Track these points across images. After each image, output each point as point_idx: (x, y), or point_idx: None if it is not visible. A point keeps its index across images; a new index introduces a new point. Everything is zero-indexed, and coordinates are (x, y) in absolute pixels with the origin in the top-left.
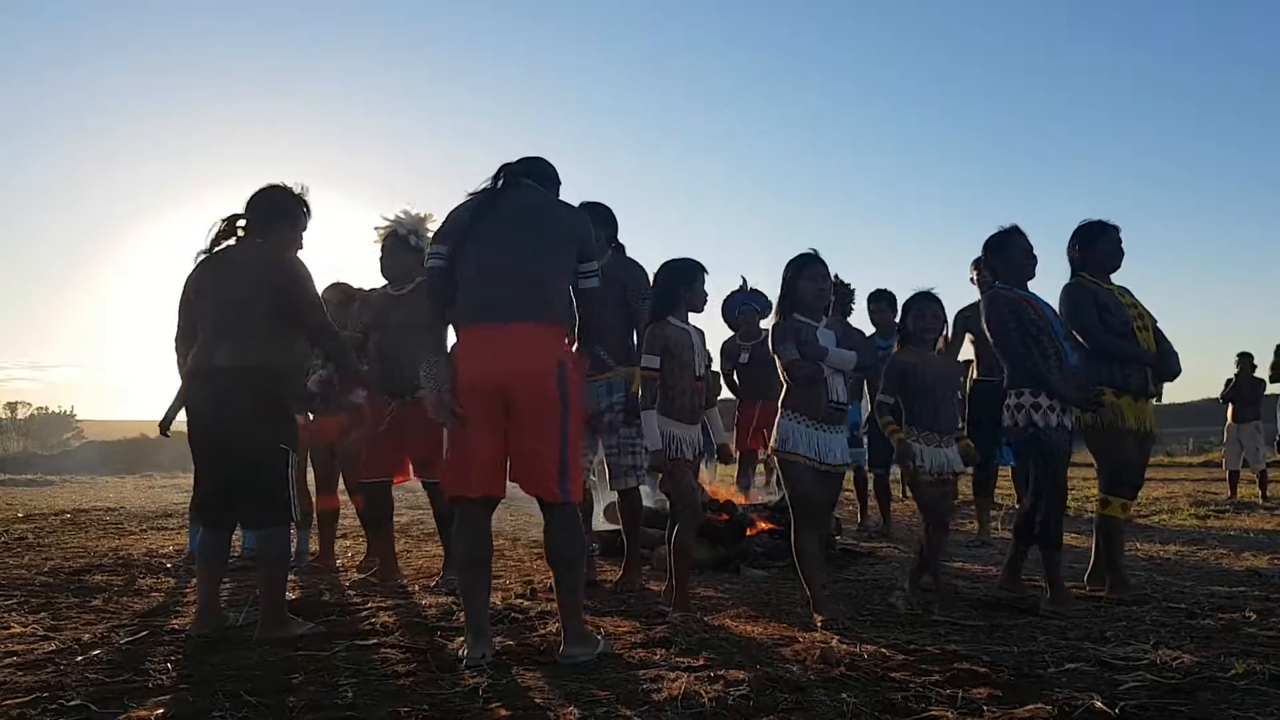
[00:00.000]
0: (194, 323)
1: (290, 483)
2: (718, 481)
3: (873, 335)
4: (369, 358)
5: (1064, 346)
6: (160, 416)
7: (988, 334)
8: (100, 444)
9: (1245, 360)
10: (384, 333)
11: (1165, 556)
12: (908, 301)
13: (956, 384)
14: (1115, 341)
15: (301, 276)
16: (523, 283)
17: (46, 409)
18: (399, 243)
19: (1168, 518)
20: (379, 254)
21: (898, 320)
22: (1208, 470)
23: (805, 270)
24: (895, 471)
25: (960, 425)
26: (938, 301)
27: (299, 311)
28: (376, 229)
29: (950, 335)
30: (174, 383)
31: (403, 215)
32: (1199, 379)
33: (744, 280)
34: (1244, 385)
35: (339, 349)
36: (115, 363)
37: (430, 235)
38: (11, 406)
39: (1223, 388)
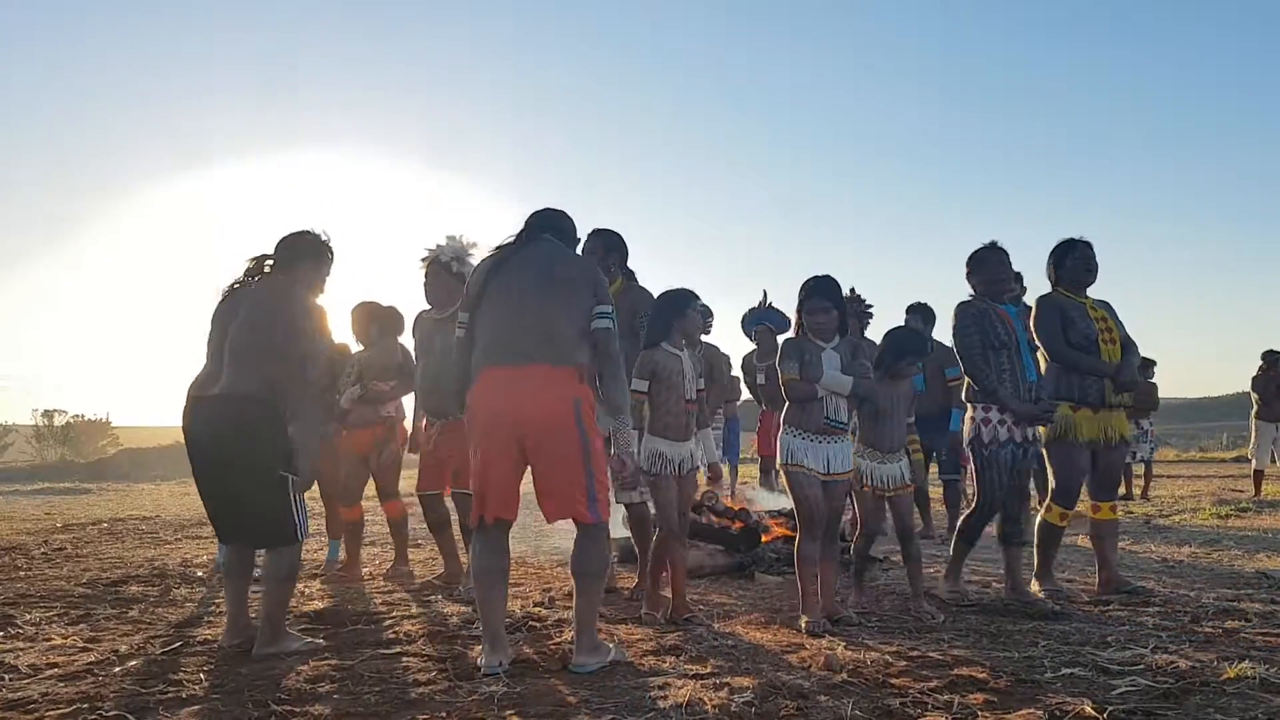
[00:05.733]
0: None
1: (294, 505)
2: (737, 487)
3: None
4: (418, 379)
5: (1025, 362)
6: None
7: (955, 344)
8: (136, 451)
9: (1271, 358)
10: (429, 357)
11: (1179, 559)
12: (900, 341)
13: (909, 403)
14: (1072, 354)
15: (298, 307)
16: (536, 328)
17: (83, 416)
18: (441, 269)
19: (1189, 517)
20: (423, 279)
21: (881, 349)
22: (1239, 466)
23: (807, 304)
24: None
25: (909, 441)
26: (924, 345)
27: (289, 339)
28: (422, 258)
29: None
30: None
31: (445, 242)
32: (1232, 373)
33: (765, 295)
34: (1270, 383)
35: (320, 381)
36: (152, 369)
37: (472, 262)
38: (49, 414)
39: (1250, 384)
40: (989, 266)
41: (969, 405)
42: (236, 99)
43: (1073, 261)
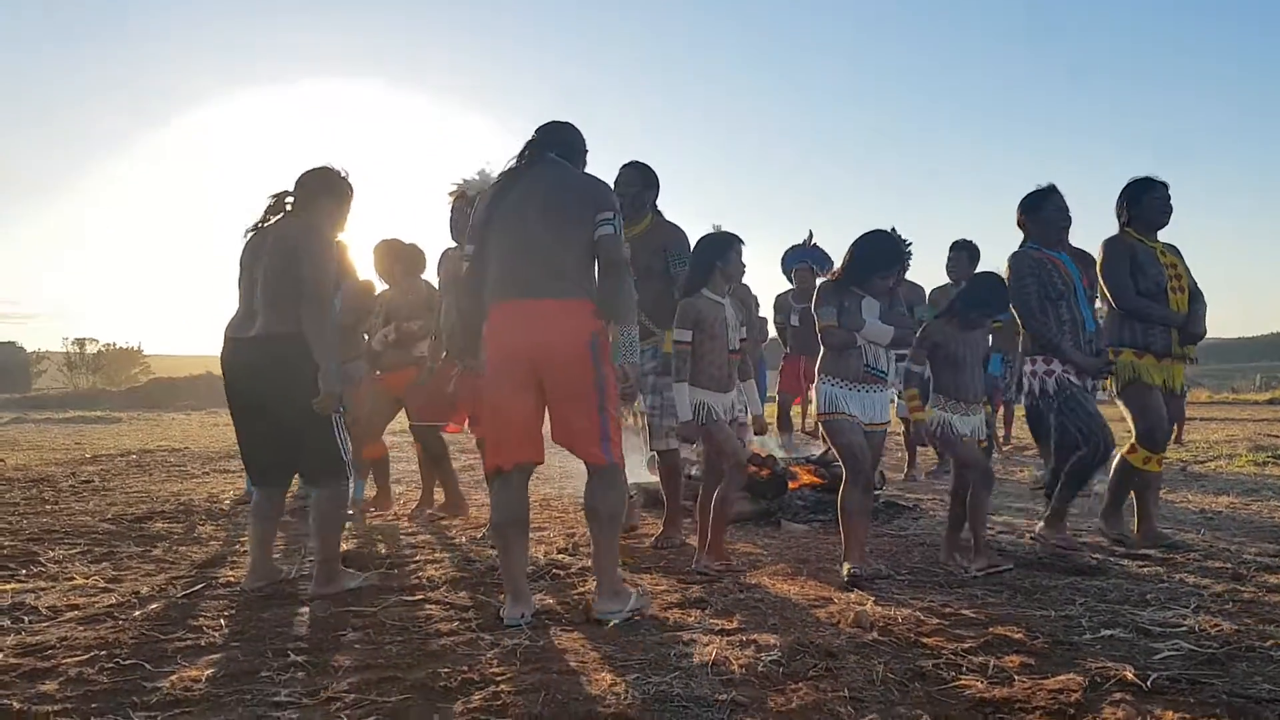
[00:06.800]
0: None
1: (340, 439)
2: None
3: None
4: (443, 318)
5: (1083, 312)
6: None
7: (1010, 295)
8: (167, 380)
9: None
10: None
11: (1217, 509)
12: (982, 293)
13: (984, 352)
14: (1139, 302)
15: (314, 244)
16: (544, 260)
17: (114, 345)
18: (467, 205)
19: (1225, 464)
20: (450, 214)
21: (960, 295)
22: (1273, 409)
23: (888, 267)
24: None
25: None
26: (1006, 302)
27: (300, 276)
28: (449, 192)
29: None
30: None
31: (475, 178)
32: (1265, 313)
33: (810, 234)
34: None
35: (316, 327)
36: (185, 297)
37: None
38: (80, 343)
39: None
40: (1046, 212)
41: (1027, 360)
42: (269, 23)
43: (1150, 201)
